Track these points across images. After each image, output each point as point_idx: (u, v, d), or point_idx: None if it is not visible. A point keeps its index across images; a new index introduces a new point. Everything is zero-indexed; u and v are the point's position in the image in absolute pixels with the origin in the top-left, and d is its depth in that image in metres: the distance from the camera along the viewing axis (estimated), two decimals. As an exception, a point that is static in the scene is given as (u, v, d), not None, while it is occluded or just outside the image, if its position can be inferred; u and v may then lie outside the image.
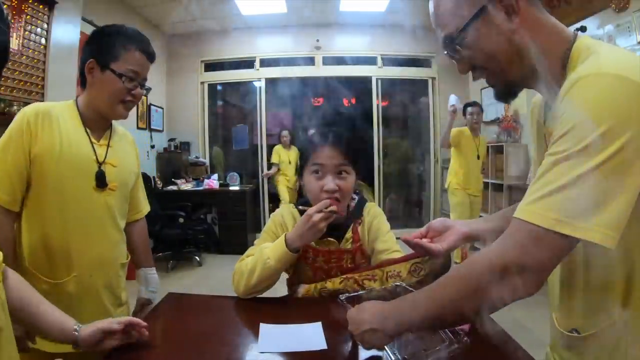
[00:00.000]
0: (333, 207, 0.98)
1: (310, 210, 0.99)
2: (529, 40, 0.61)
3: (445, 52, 0.68)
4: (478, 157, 3.42)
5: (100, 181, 1.03)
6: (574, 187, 0.50)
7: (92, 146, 1.04)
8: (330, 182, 1.03)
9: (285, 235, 1.02)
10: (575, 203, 0.50)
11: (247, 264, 1.05)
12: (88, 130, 1.04)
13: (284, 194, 4.42)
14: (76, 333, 0.75)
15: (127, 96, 1.02)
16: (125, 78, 0.99)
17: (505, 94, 0.68)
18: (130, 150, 1.20)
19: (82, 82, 1.05)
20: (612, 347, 0.59)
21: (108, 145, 1.08)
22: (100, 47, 1.00)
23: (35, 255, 0.98)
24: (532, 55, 0.61)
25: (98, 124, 1.07)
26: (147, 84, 1.09)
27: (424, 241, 0.84)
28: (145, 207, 1.28)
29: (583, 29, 2.90)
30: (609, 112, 0.50)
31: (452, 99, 3.41)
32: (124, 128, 1.23)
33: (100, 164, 1.04)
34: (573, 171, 0.50)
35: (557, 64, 0.61)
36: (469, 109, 3.41)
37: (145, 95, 1.11)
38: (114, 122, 1.15)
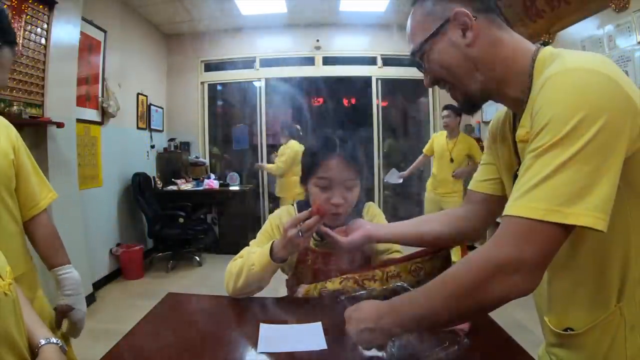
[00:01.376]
0: (310, 221, 0.92)
1: (286, 224, 0.95)
2: (487, 55, 0.65)
3: (416, 66, 0.73)
4: (452, 160, 3.42)
5: None
6: (558, 176, 0.51)
7: None
8: (337, 197, 1.02)
9: (272, 243, 1.00)
10: (561, 191, 0.51)
11: (236, 265, 1.05)
12: None
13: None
14: (36, 350, 0.66)
15: None
16: None
17: (467, 106, 0.72)
18: None
19: None
20: (611, 338, 0.60)
21: None
22: None
23: None
24: (491, 70, 0.65)
25: None
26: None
27: (337, 235, 0.97)
28: (44, 198, 1.05)
29: (545, 43, 2.94)
30: (581, 102, 0.52)
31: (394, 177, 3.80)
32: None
33: None
34: (555, 160, 0.52)
35: (523, 75, 0.64)
36: (443, 112, 3.49)
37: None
38: None
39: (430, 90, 5.08)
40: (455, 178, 3.40)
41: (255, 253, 1.02)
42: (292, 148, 3.81)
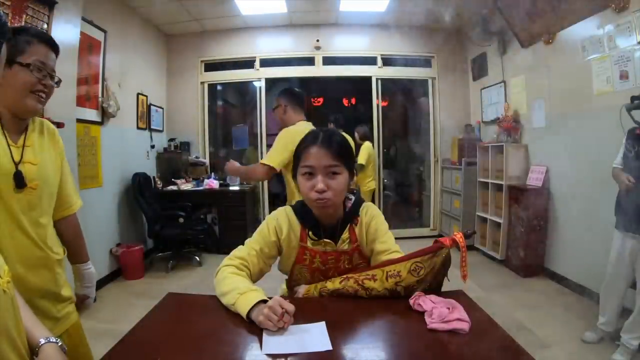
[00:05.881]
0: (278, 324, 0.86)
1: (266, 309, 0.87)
2: None
3: None
4: None
5: (19, 181, 1.00)
6: None
7: (9, 147, 1.01)
8: (319, 182, 1.04)
9: (251, 307, 0.91)
10: None
11: (224, 279, 1.02)
12: (6, 132, 1.02)
13: None
14: (36, 349, 0.67)
15: (37, 86, 1.02)
16: (33, 67, 1.00)
17: None
18: (52, 145, 1.16)
19: None
20: None
21: (24, 145, 1.05)
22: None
23: None
24: None
25: (15, 124, 1.05)
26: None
27: None
28: (76, 203, 1.24)
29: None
30: None
31: None
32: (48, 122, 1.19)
33: (17, 163, 1.01)
34: None
35: None
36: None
37: (56, 86, 1.09)
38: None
39: (430, 90, 5.09)
40: None
41: (240, 293, 0.95)
42: None
